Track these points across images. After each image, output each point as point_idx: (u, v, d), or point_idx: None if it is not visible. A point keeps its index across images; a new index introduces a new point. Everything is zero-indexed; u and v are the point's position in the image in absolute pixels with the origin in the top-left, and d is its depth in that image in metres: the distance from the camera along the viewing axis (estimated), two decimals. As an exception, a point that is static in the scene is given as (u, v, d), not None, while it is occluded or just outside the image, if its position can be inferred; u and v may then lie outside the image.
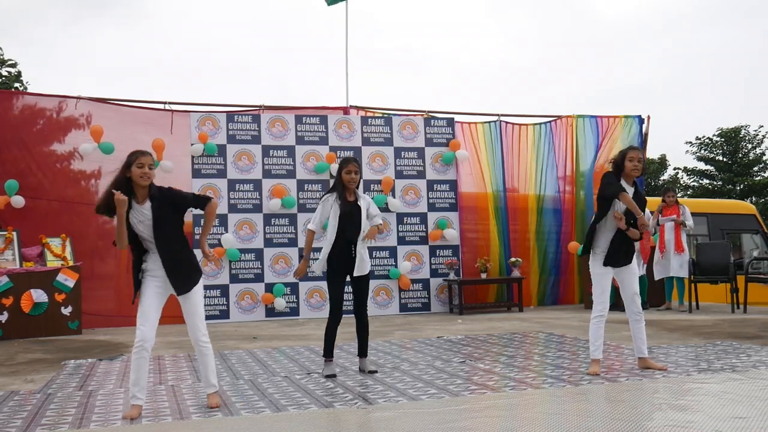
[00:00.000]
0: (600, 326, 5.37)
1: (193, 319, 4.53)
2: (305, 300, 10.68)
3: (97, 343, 8.22)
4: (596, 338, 5.36)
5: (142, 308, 4.45)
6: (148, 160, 4.36)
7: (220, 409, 4.48)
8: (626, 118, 12.65)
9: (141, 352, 4.39)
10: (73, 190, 10.38)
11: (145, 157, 4.36)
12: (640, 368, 5.41)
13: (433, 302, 11.23)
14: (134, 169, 4.33)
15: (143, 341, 4.37)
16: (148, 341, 4.38)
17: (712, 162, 33.12)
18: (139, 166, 4.33)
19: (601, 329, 5.37)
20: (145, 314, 4.43)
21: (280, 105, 11.43)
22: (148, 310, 4.44)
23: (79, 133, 10.42)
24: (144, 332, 4.38)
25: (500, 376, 5.37)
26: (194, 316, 4.53)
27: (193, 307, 4.53)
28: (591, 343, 5.39)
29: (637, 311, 5.43)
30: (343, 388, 5.06)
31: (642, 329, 5.44)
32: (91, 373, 6.13)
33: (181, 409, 4.53)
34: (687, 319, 9.00)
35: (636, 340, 5.46)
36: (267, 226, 10.69)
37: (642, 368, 5.41)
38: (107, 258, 10.49)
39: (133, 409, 4.35)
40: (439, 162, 11.51)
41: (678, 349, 6.47)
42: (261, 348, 7.39)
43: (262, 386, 5.23)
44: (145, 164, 4.33)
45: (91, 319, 9.75)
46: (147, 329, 4.39)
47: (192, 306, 4.52)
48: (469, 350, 6.84)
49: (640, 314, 5.43)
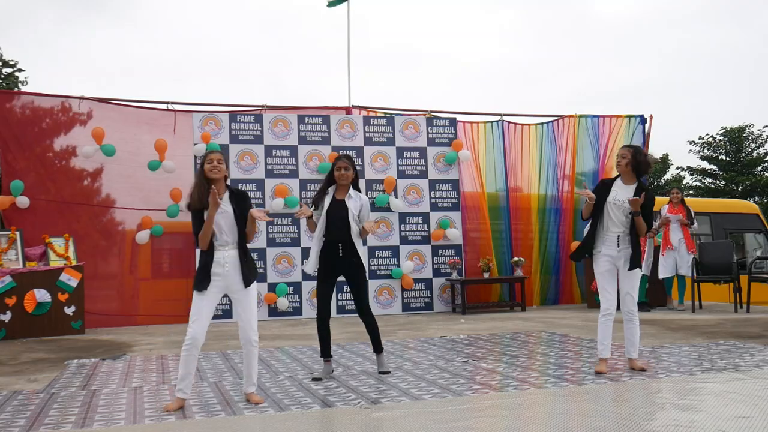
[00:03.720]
0: (607, 325, 5.34)
1: (248, 315, 4.61)
2: (308, 300, 10.68)
3: (100, 343, 8.23)
4: (604, 337, 5.33)
5: (198, 306, 4.53)
6: (216, 156, 4.64)
7: (223, 408, 4.50)
8: (629, 118, 12.65)
9: (191, 349, 4.49)
10: (76, 190, 10.40)
11: (213, 154, 4.65)
12: (629, 368, 5.38)
13: (436, 302, 11.23)
14: (205, 166, 4.60)
15: (194, 338, 4.48)
16: (199, 339, 4.49)
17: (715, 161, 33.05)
18: (208, 162, 4.60)
19: (608, 328, 5.34)
20: (199, 311, 4.52)
21: (283, 105, 11.45)
22: (203, 307, 4.54)
23: (82, 133, 10.44)
24: (196, 330, 4.49)
25: (503, 375, 5.36)
26: (249, 313, 4.61)
27: (250, 304, 4.62)
28: (599, 342, 5.37)
29: (628, 311, 5.38)
30: (346, 387, 5.06)
31: (634, 330, 5.37)
32: (94, 372, 6.13)
33: (184, 408, 4.54)
34: (690, 319, 8.99)
35: (626, 341, 5.43)
36: (269, 225, 10.70)
37: (630, 368, 5.37)
38: (110, 258, 10.52)
39: (177, 401, 4.52)
40: (441, 162, 11.51)
41: (681, 348, 6.47)
42: (264, 348, 7.39)
43: (265, 386, 5.23)
44: (214, 159, 4.60)
45: (94, 319, 9.77)
46: (199, 327, 4.50)
47: (249, 302, 4.62)
48: (471, 350, 6.84)
49: (631, 314, 5.38)
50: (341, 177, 5.56)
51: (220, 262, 4.56)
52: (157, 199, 10.45)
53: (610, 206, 5.37)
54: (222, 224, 4.58)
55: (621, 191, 5.38)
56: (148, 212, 10.45)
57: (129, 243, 10.50)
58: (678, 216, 10.17)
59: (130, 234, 10.51)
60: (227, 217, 4.58)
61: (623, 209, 5.33)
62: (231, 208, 4.59)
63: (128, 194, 10.52)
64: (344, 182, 5.57)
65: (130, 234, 10.49)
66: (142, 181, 10.51)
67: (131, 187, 10.52)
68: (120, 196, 10.53)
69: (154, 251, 10.61)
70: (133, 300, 10.47)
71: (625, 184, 5.42)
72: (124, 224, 10.55)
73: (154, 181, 10.51)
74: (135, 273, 10.61)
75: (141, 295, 10.51)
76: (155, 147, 10.44)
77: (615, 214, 5.35)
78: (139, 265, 10.60)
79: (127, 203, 10.51)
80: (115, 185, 10.52)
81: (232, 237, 4.60)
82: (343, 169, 5.55)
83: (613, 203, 5.36)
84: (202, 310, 4.53)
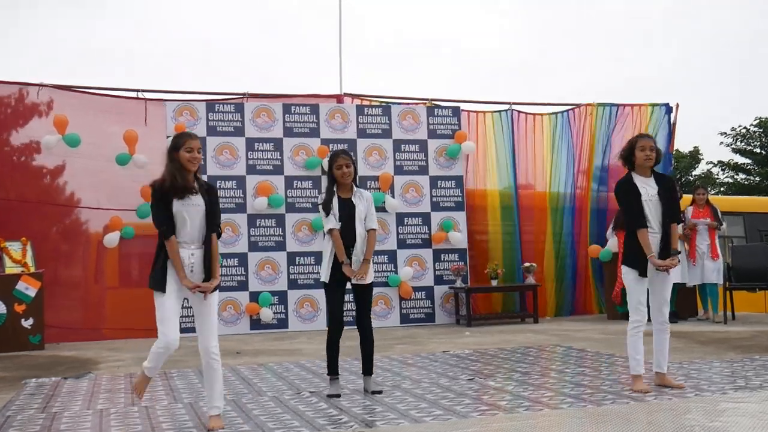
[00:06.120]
0: (639, 338, 5.36)
1: (207, 324, 4.57)
2: (295, 310, 10.67)
3: (62, 360, 8.19)
4: (636, 351, 5.35)
5: (164, 306, 4.49)
6: (196, 144, 4.61)
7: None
8: (653, 107, 12.66)
9: (165, 351, 4.53)
10: (35, 188, 10.38)
11: (193, 141, 4.61)
12: (655, 384, 5.42)
13: (438, 312, 11.23)
14: (183, 153, 4.56)
15: (168, 344, 4.48)
16: (173, 344, 4.49)
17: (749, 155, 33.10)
18: (188, 150, 4.57)
19: (639, 341, 5.36)
20: (165, 312, 4.48)
21: (266, 93, 11.43)
22: (169, 307, 4.50)
23: (41, 124, 10.41)
24: (169, 333, 4.46)
25: (513, 395, 5.36)
26: (209, 322, 4.57)
27: (210, 310, 4.58)
28: (631, 358, 5.38)
29: (663, 320, 5.44)
30: (338, 409, 5.05)
31: (665, 341, 5.45)
32: (54, 393, 6.10)
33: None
34: (722, 331, 9.00)
35: (656, 353, 5.46)
36: (251, 227, 10.68)
37: (657, 385, 5.41)
38: (73, 264, 10.49)
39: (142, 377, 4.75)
40: (443, 156, 11.51)
41: (712, 364, 6.47)
42: (245, 365, 7.38)
43: (247, 407, 5.21)
44: (194, 148, 4.59)
45: (55, 333, 9.74)
46: (172, 328, 4.48)
47: (209, 309, 4.58)
48: (478, 366, 6.83)
49: (665, 324, 5.44)
50: (344, 176, 5.60)
51: (185, 262, 4.51)
52: (127, 198, 10.41)
53: (646, 205, 5.36)
54: (190, 219, 4.52)
55: (647, 186, 5.38)
56: (116, 212, 10.42)
57: (95, 247, 10.46)
58: (706, 220, 10.17)
59: (96, 237, 10.47)
60: (198, 212, 4.55)
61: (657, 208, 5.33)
62: (203, 202, 4.57)
63: (94, 192, 10.49)
64: (347, 181, 5.63)
65: (96, 237, 10.45)
66: (110, 178, 10.47)
67: (98, 184, 10.49)
68: (85, 194, 10.50)
69: (122, 256, 10.58)
70: (98, 311, 10.44)
71: (643, 176, 5.42)
72: (90, 226, 10.51)
73: (123, 177, 10.48)
74: (101, 281, 10.57)
75: (108, 306, 10.47)
76: (124, 139, 10.41)
77: (651, 214, 5.35)
78: (106, 272, 10.57)
79: (92, 202, 10.48)
80: (79, 182, 10.49)
81: (199, 235, 4.56)
82: (345, 166, 5.60)
83: (649, 201, 5.36)
84: (168, 309, 4.47)
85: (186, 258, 4.51)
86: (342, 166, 5.59)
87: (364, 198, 5.72)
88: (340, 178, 5.61)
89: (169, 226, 4.48)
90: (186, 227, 4.52)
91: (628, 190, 5.40)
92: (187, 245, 4.54)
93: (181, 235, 4.52)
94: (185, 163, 4.55)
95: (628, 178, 5.47)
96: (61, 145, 10.24)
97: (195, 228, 4.54)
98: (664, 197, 5.36)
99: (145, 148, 10.49)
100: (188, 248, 4.53)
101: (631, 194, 5.36)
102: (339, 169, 5.60)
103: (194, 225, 4.54)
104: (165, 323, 4.46)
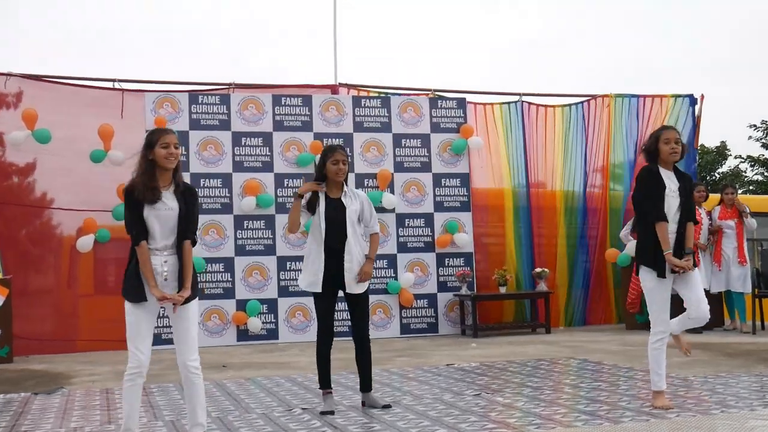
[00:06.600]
0: (661, 351, 5.34)
1: (184, 337, 4.55)
2: (285, 320, 10.68)
3: (32, 374, 8.19)
4: (658, 366, 5.33)
5: (137, 320, 4.48)
6: (173, 139, 4.56)
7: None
8: (675, 98, 12.69)
9: (136, 378, 4.46)
10: (2, 188, 10.36)
11: (169, 136, 4.56)
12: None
13: (442, 322, 11.24)
14: (158, 149, 4.51)
15: (141, 365, 4.43)
16: (146, 364, 4.45)
17: (781, 150, 33.09)
18: (164, 146, 4.51)
19: (662, 355, 5.35)
20: (139, 328, 4.47)
21: (255, 83, 11.44)
22: (143, 321, 4.49)
23: (9, 117, 10.40)
24: (141, 353, 4.43)
25: (523, 412, 5.37)
26: (186, 335, 4.55)
27: (189, 321, 4.55)
28: (653, 372, 5.36)
29: (704, 317, 5.38)
30: (333, 427, 5.05)
31: (695, 324, 5.52)
32: (24, 410, 6.10)
33: (135, 453, 4.52)
34: (750, 342, 9.02)
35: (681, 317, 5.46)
36: (238, 230, 10.69)
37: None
38: (44, 269, 10.49)
39: None
40: (447, 152, 11.52)
41: (740, 378, 6.48)
42: (232, 379, 7.38)
43: (234, 425, 5.21)
44: (171, 144, 4.53)
45: (24, 345, 9.74)
46: (145, 348, 4.45)
47: (187, 320, 4.55)
48: (485, 381, 6.85)
49: (704, 321, 5.44)
50: (339, 172, 5.58)
51: (158, 270, 4.50)
52: (102, 198, 10.41)
53: (667, 200, 5.36)
54: (160, 224, 4.49)
55: (669, 181, 5.39)
56: (90, 214, 10.42)
57: (67, 251, 10.47)
58: (734, 221, 10.16)
59: (68, 240, 10.47)
60: (170, 217, 4.51)
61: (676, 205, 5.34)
62: (177, 205, 4.53)
63: (67, 192, 10.49)
64: (340, 179, 5.62)
65: (69, 240, 10.46)
66: (84, 176, 10.47)
67: (70, 184, 10.49)
68: (57, 194, 10.51)
69: (97, 261, 10.58)
70: (71, 321, 10.44)
71: (667, 170, 5.42)
72: (62, 228, 10.52)
73: (97, 175, 10.47)
74: (74, 288, 10.57)
75: (81, 315, 10.48)
76: (99, 134, 10.41)
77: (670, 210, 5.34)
78: (80, 279, 10.57)
79: (65, 203, 10.48)
80: (50, 181, 10.50)
81: (172, 240, 4.53)
82: (342, 162, 5.58)
83: (670, 196, 5.35)
84: (142, 325, 4.47)
85: (158, 266, 4.50)
86: (339, 161, 5.57)
87: (358, 199, 5.68)
88: (333, 175, 5.58)
89: (140, 230, 4.46)
90: (156, 233, 4.50)
91: (654, 179, 5.37)
92: (159, 252, 4.51)
93: (152, 241, 4.50)
94: (161, 160, 4.50)
95: (655, 168, 5.42)
96: (30, 141, 10.23)
97: (167, 234, 4.52)
98: (684, 195, 5.37)
99: (122, 143, 10.47)
100: (160, 255, 4.51)
101: (656, 184, 5.36)
102: (335, 165, 5.57)
103: (165, 231, 4.51)
104: (138, 339, 4.44)
